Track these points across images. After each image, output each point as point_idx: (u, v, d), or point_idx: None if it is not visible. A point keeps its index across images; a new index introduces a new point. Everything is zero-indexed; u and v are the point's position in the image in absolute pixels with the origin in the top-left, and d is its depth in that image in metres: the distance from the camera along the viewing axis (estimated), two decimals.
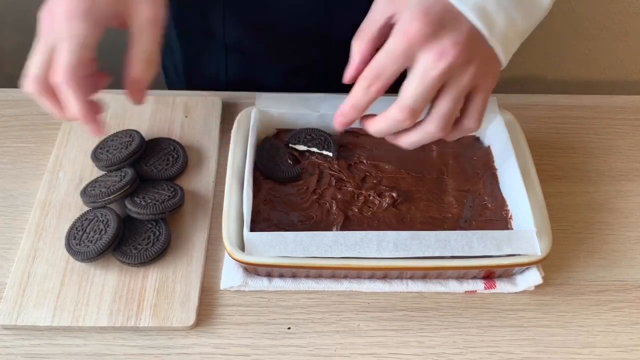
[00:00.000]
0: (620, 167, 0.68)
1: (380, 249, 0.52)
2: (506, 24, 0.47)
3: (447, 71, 0.46)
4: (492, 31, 0.46)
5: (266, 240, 0.52)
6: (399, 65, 0.46)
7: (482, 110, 0.50)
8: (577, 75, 1.13)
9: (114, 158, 0.61)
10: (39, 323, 0.53)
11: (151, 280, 0.56)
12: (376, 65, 0.47)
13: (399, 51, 0.46)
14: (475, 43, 0.46)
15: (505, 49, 0.48)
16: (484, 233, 0.54)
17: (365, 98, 0.49)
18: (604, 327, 0.55)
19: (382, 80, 0.47)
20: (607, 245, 0.61)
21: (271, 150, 0.62)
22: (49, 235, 0.58)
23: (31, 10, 0.98)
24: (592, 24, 1.04)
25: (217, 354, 0.53)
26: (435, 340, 0.54)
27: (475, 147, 0.64)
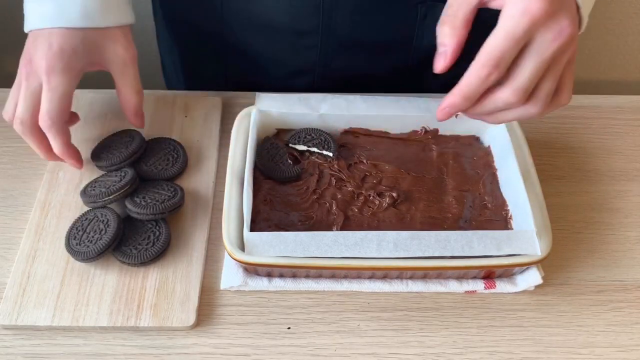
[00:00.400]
0: (620, 167, 0.68)
1: (380, 249, 0.52)
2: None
3: (560, 50, 0.44)
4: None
5: (266, 240, 0.52)
6: (519, 46, 0.44)
7: (572, 82, 0.48)
8: (577, 75, 1.12)
9: (114, 158, 0.61)
10: (39, 323, 0.53)
11: (151, 280, 0.56)
12: (497, 51, 0.44)
13: (521, 33, 0.43)
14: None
15: (587, 12, 0.47)
16: (484, 233, 0.54)
17: (482, 87, 0.46)
18: (604, 327, 0.55)
19: (503, 67, 0.45)
20: (607, 245, 0.61)
21: (271, 150, 0.62)
22: (49, 235, 0.58)
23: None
24: (592, 24, 1.04)
25: (217, 354, 0.53)
26: (435, 340, 0.54)
27: (475, 147, 0.64)
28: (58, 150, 0.58)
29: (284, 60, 0.74)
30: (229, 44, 0.74)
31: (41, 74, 0.56)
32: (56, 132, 0.57)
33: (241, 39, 0.73)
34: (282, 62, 0.75)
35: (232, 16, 0.70)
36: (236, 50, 0.74)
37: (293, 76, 0.76)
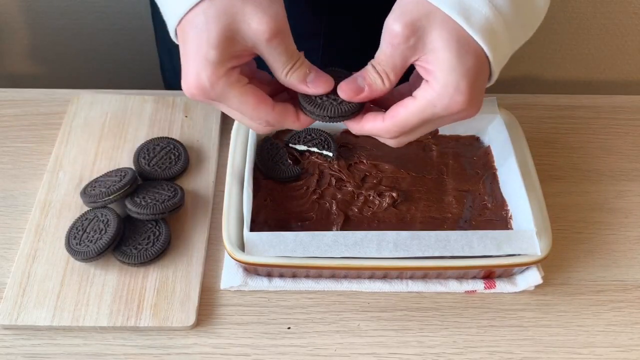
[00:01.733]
0: (620, 167, 0.68)
1: (380, 249, 0.52)
2: (508, 47, 0.46)
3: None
4: (495, 56, 0.45)
5: (266, 240, 0.52)
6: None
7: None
8: (577, 75, 1.13)
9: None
10: (39, 323, 0.53)
11: (151, 280, 0.56)
12: (408, 125, 0.46)
13: (436, 118, 0.45)
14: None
15: (498, 72, 0.47)
16: (484, 233, 0.54)
17: (390, 142, 0.49)
18: (604, 327, 0.55)
19: (411, 135, 0.47)
20: (607, 245, 0.61)
21: (271, 150, 0.62)
22: (49, 235, 0.58)
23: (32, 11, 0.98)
24: (592, 24, 1.04)
25: (217, 354, 0.53)
26: (435, 340, 0.54)
27: (475, 147, 0.64)
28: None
29: None
30: None
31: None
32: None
33: None
34: None
35: None
36: None
37: None
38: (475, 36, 0.43)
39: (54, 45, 1.02)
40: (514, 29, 0.45)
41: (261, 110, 0.47)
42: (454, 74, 0.43)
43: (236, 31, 0.44)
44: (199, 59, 0.44)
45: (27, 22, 0.98)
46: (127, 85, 0.73)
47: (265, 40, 0.44)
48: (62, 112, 0.69)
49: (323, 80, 0.47)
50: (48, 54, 1.03)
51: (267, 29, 0.44)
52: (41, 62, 1.04)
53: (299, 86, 0.47)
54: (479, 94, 0.45)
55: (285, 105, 0.49)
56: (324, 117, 0.48)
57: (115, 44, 1.01)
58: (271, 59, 0.46)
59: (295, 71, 0.46)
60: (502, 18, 0.44)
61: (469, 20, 0.43)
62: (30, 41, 1.01)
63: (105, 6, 0.96)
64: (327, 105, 0.48)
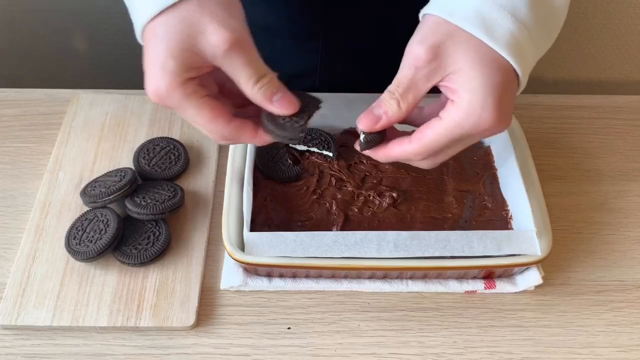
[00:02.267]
0: (620, 167, 0.68)
1: (380, 249, 0.52)
2: (533, 58, 0.46)
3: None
4: (523, 68, 0.45)
5: (266, 240, 0.52)
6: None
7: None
8: (577, 75, 1.13)
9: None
10: (39, 323, 0.53)
11: (151, 280, 0.56)
12: (435, 146, 0.46)
13: (465, 137, 0.45)
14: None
15: (525, 82, 0.47)
16: (484, 233, 0.54)
17: (419, 163, 0.49)
18: (604, 327, 0.55)
19: (442, 156, 0.48)
20: (607, 245, 0.61)
21: (271, 150, 0.62)
22: (49, 235, 0.58)
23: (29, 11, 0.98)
24: (592, 24, 1.04)
25: (217, 354, 0.53)
26: (435, 340, 0.54)
27: (475, 147, 0.64)
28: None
29: (285, 64, 0.74)
30: None
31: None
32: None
33: None
34: (282, 66, 0.75)
35: None
36: None
37: (293, 80, 0.76)
38: (501, 51, 0.43)
39: (53, 45, 1.02)
40: (537, 38, 0.45)
41: (217, 124, 0.47)
42: (479, 92, 0.43)
43: (194, 43, 0.44)
44: (157, 67, 0.44)
45: (27, 21, 0.98)
46: (127, 85, 0.73)
47: (222, 52, 0.44)
48: (62, 112, 0.69)
49: (289, 101, 0.47)
50: (48, 54, 1.03)
51: (223, 41, 0.44)
52: (41, 62, 1.04)
53: (264, 103, 0.47)
54: (508, 108, 0.44)
55: (244, 122, 0.48)
56: (283, 138, 0.49)
57: (115, 44, 1.01)
58: (232, 71, 0.46)
59: (262, 87, 0.46)
60: (525, 30, 0.44)
61: (492, 36, 0.43)
62: (30, 41, 1.01)
63: (105, 6, 0.96)
64: (288, 126, 0.48)
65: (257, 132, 0.49)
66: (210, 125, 0.47)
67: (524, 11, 0.43)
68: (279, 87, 0.47)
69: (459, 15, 0.43)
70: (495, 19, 0.43)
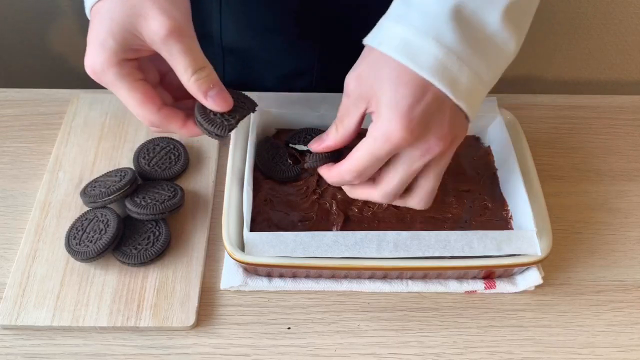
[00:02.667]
0: (620, 167, 0.68)
1: (380, 249, 0.52)
2: (471, 80, 0.46)
3: (430, 162, 0.46)
4: (456, 90, 0.45)
5: (266, 240, 0.52)
6: (383, 162, 0.47)
7: (432, 188, 0.49)
8: (577, 75, 1.13)
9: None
10: (39, 323, 0.53)
11: (151, 280, 0.56)
12: (360, 166, 0.47)
13: (384, 154, 0.46)
14: (445, 112, 0.46)
15: (471, 105, 0.47)
16: (484, 233, 0.54)
17: (348, 187, 0.51)
18: (604, 327, 0.55)
19: (365, 176, 0.48)
20: (607, 245, 0.61)
21: (271, 150, 0.62)
22: (49, 235, 0.58)
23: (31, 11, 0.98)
24: (592, 24, 1.04)
25: (217, 354, 0.53)
26: (435, 340, 0.54)
27: (476, 147, 0.64)
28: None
29: (283, 62, 0.75)
30: (227, 45, 0.74)
31: None
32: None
33: (239, 41, 0.73)
34: (280, 64, 0.75)
35: (231, 18, 0.70)
36: (234, 52, 0.74)
37: (291, 78, 0.76)
38: (421, 72, 0.44)
39: (54, 45, 1.02)
40: (473, 62, 0.45)
41: (146, 109, 0.48)
42: (390, 106, 0.44)
43: (135, 26, 0.45)
44: (97, 43, 0.46)
45: (27, 21, 0.98)
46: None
47: (160, 38, 0.45)
48: (62, 112, 0.69)
49: (224, 98, 0.48)
50: (48, 54, 1.03)
51: (163, 27, 0.45)
52: (41, 62, 1.04)
53: (198, 95, 0.48)
54: (423, 124, 0.44)
55: (174, 111, 0.49)
56: (210, 133, 0.49)
57: None
58: (170, 59, 0.47)
59: (199, 80, 0.47)
60: (453, 54, 0.44)
61: (415, 61, 0.44)
62: (30, 41, 1.01)
63: None
64: (218, 122, 0.49)
65: (186, 124, 0.50)
66: (139, 109, 0.48)
67: (449, 36, 0.44)
68: (216, 83, 0.48)
69: (387, 44, 0.45)
70: (420, 46, 0.44)
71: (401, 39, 0.45)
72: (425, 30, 0.44)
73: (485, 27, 0.45)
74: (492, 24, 0.45)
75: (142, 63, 0.49)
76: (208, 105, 0.48)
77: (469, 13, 0.45)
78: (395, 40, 0.45)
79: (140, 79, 0.48)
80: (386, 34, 0.46)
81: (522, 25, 0.48)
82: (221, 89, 0.48)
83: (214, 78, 0.48)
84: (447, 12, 0.44)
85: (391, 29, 0.46)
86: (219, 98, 0.48)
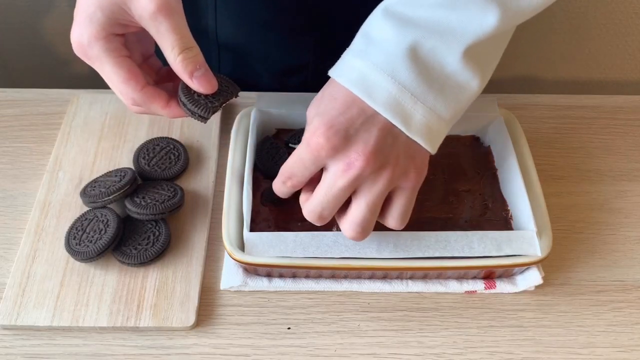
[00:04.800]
0: (620, 167, 0.68)
1: (380, 250, 0.52)
2: (426, 116, 0.46)
3: (354, 181, 0.46)
4: (410, 126, 0.46)
5: (266, 240, 0.52)
6: (309, 170, 0.48)
7: (405, 210, 0.50)
8: (577, 75, 1.13)
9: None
10: (38, 323, 0.53)
11: (151, 280, 0.56)
12: (288, 167, 0.49)
13: (307, 160, 0.47)
14: (392, 141, 0.46)
15: (430, 140, 0.47)
16: (484, 233, 0.54)
17: (284, 189, 0.51)
18: (604, 327, 0.55)
19: (295, 179, 0.49)
20: (607, 245, 0.61)
21: (271, 150, 0.62)
22: (48, 235, 0.58)
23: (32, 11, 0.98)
24: (592, 24, 1.04)
25: (217, 354, 0.52)
26: (435, 340, 0.54)
27: (475, 147, 0.64)
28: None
29: (277, 58, 0.74)
30: (222, 41, 0.74)
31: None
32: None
33: (235, 37, 0.73)
34: (276, 60, 0.75)
35: (226, 13, 0.70)
36: (229, 48, 0.74)
37: (287, 74, 0.76)
38: (375, 107, 0.45)
39: (54, 45, 1.02)
40: (428, 99, 0.46)
41: (129, 86, 0.48)
42: (319, 114, 0.46)
43: (125, 0, 0.45)
44: (84, 16, 0.46)
45: (27, 21, 0.98)
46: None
47: (149, 14, 0.45)
48: (62, 112, 0.69)
49: (209, 80, 0.49)
50: (48, 54, 1.03)
51: (152, 3, 0.45)
52: (41, 62, 1.04)
53: (184, 75, 0.48)
54: (341, 131, 0.45)
55: (157, 91, 0.49)
56: (193, 114, 0.49)
57: None
58: (158, 36, 0.46)
59: (186, 59, 0.47)
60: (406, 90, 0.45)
61: (369, 94, 0.45)
62: (30, 41, 1.01)
63: None
64: (202, 103, 0.49)
65: (168, 104, 0.49)
66: (123, 85, 0.48)
67: (404, 74, 0.45)
68: (203, 64, 0.48)
69: (346, 77, 0.46)
70: (375, 81, 0.45)
71: (359, 72, 0.46)
72: (382, 66, 0.45)
73: (444, 67, 0.46)
74: (450, 64, 0.46)
75: (128, 41, 0.49)
76: (193, 86, 0.48)
77: (425, 52, 0.45)
78: (353, 74, 0.46)
79: (125, 55, 0.48)
80: (346, 67, 0.47)
81: (487, 63, 0.49)
82: (207, 70, 0.48)
83: (200, 59, 0.48)
84: (403, 50, 0.45)
85: (351, 62, 0.47)
86: (204, 79, 0.48)
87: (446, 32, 0.45)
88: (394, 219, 0.50)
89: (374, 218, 0.49)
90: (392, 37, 0.46)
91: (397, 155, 0.47)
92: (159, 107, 0.49)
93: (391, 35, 0.46)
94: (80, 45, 0.47)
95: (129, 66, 0.48)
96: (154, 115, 0.51)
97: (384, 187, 0.47)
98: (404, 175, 0.48)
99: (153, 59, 0.54)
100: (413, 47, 0.45)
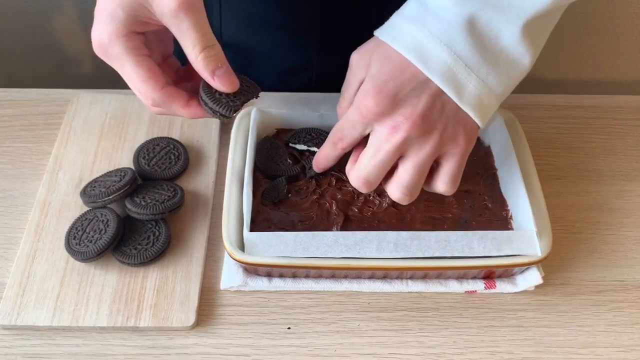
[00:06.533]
0: (620, 167, 0.68)
1: (380, 249, 0.52)
2: (479, 88, 0.47)
3: (401, 144, 0.46)
4: (462, 97, 0.46)
5: (266, 240, 0.52)
6: (358, 132, 0.48)
7: (455, 174, 0.50)
8: (577, 75, 1.12)
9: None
10: (38, 323, 0.53)
11: (151, 280, 0.56)
12: (339, 128, 0.50)
13: (356, 121, 0.48)
14: (441, 107, 0.47)
15: (480, 112, 0.47)
16: (484, 233, 0.54)
17: (333, 153, 0.52)
18: (604, 327, 0.55)
19: (346, 141, 0.50)
20: (607, 245, 0.61)
21: (271, 150, 0.62)
22: (48, 235, 0.58)
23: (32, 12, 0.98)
24: (592, 24, 1.04)
25: (217, 354, 0.52)
26: (435, 340, 0.54)
27: (475, 147, 0.64)
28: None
29: (283, 57, 0.74)
30: (227, 40, 0.74)
31: None
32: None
33: (239, 36, 0.73)
34: (280, 60, 0.75)
35: (231, 13, 0.70)
36: (234, 47, 0.74)
37: (292, 73, 0.76)
38: (429, 75, 0.46)
39: (54, 45, 1.02)
40: (482, 71, 0.46)
41: (149, 86, 0.47)
42: (371, 77, 0.47)
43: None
44: (105, 14, 0.45)
45: (26, 21, 0.98)
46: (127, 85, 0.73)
47: (170, 11, 0.44)
48: (62, 112, 0.69)
49: (230, 79, 0.48)
50: (48, 54, 1.03)
51: (173, 0, 0.44)
52: (41, 62, 1.04)
53: (205, 73, 0.47)
54: (390, 95, 0.46)
55: (177, 90, 0.49)
56: (215, 112, 0.49)
57: None
58: (179, 33, 0.46)
59: (207, 57, 0.46)
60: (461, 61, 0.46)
61: (424, 62, 0.46)
62: (30, 41, 1.01)
63: None
64: (224, 103, 0.49)
65: (188, 104, 0.49)
66: (142, 84, 0.47)
67: (460, 44, 0.45)
68: (224, 62, 0.48)
69: (401, 42, 0.46)
70: (432, 49, 0.46)
71: (415, 40, 0.46)
72: (440, 35, 0.45)
73: (499, 39, 0.46)
74: (507, 37, 0.46)
75: (148, 40, 0.48)
76: (215, 84, 0.48)
77: (483, 24, 0.46)
78: (409, 40, 0.46)
79: (146, 55, 0.47)
80: (400, 32, 0.47)
81: (539, 41, 0.49)
82: (228, 68, 0.48)
83: (222, 58, 0.47)
84: (461, 21, 0.45)
85: (406, 28, 0.47)
86: (225, 78, 0.48)
87: (504, 6, 0.45)
88: (444, 183, 0.50)
89: (421, 181, 0.49)
90: (450, 7, 0.46)
91: (445, 121, 0.47)
92: (179, 107, 0.49)
93: (450, 5, 0.46)
94: (101, 43, 0.46)
95: (149, 65, 0.47)
96: (174, 115, 0.51)
97: (432, 151, 0.47)
98: (453, 141, 0.48)
99: (172, 59, 0.53)
100: (471, 18, 0.45)
